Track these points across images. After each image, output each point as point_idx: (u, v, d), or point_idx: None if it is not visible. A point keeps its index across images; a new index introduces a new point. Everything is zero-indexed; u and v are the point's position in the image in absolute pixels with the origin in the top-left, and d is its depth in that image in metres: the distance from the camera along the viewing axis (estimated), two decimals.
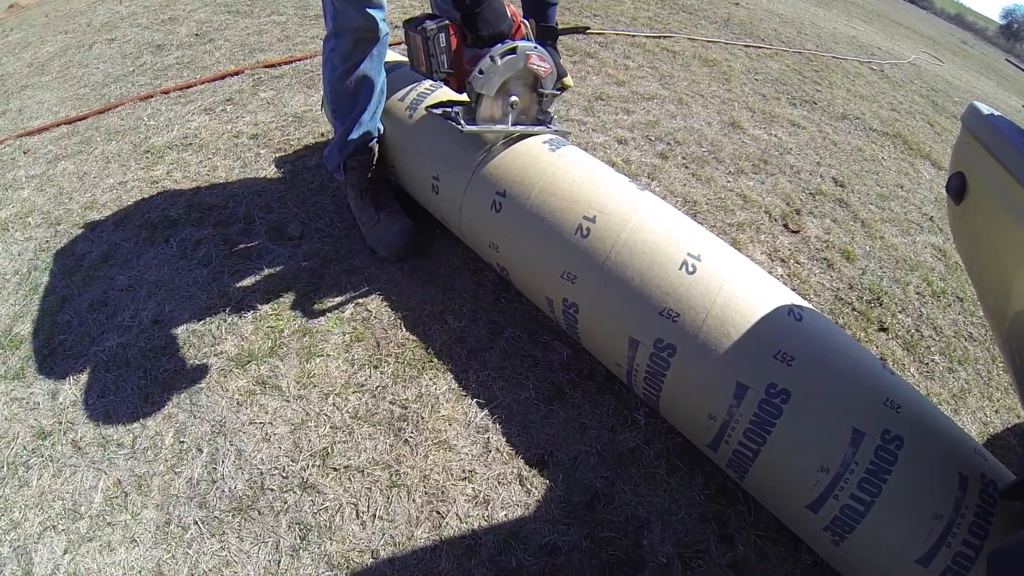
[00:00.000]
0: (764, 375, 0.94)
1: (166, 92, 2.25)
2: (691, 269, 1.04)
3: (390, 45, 2.26)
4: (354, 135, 1.47)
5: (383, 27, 1.35)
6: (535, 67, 1.20)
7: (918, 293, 1.74)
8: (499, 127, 1.27)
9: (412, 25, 1.14)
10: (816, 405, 0.91)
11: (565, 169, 1.22)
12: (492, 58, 1.16)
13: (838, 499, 0.88)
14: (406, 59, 1.73)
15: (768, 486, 0.99)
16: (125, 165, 1.86)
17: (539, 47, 1.23)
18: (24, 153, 1.99)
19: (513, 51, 1.17)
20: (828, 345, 0.98)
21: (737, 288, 1.02)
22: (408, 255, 1.53)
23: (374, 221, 1.52)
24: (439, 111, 1.31)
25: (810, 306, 1.05)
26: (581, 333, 1.20)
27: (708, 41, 3.21)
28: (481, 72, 1.16)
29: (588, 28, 1.51)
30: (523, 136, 1.31)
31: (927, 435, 0.91)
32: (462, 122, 1.22)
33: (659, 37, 3.09)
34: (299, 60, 2.45)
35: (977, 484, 0.87)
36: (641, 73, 2.65)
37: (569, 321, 1.20)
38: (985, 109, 0.83)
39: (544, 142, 1.29)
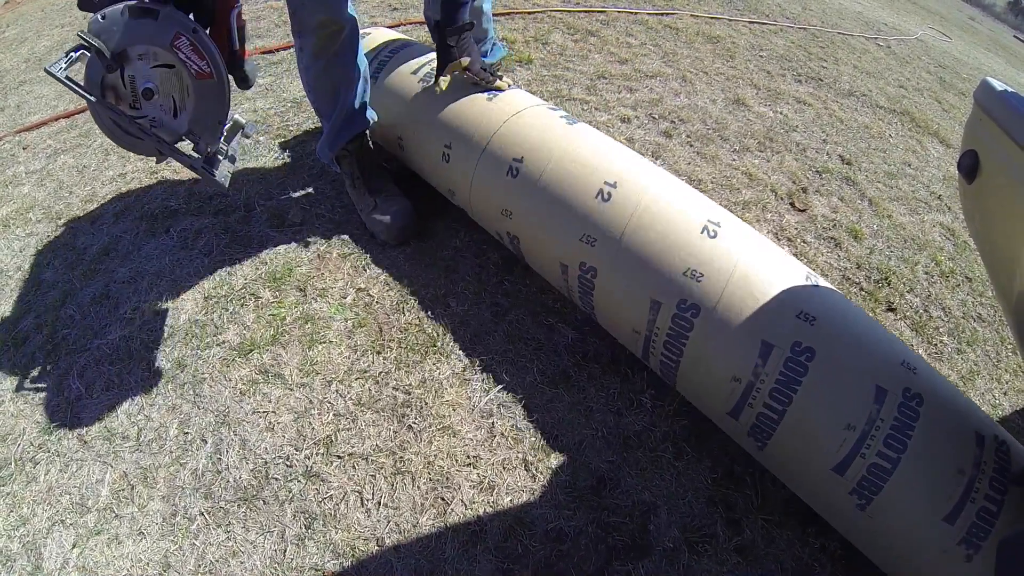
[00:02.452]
0: (788, 333, 0.95)
1: None
2: (712, 233, 1.06)
3: (391, 26, 2.22)
4: (341, 131, 1.45)
5: (347, 15, 1.29)
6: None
7: (926, 273, 1.71)
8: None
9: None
10: (840, 362, 0.93)
11: (581, 139, 1.25)
12: None
13: (865, 457, 0.88)
14: (403, 37, 1.71)
15: (792, 451, 0.98)
16: (124, 157, 1.85)
17: None
18: (23, 149, 1.98)
19: None
20: (845, 309, 1.00)
21: (756, 253, 1.05)
22: (408, 237, 1.52)
23: (371, 206, 1.50)
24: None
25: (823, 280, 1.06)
26: (596, 299, 1.18)
27: (712, 18, 3.15)
28: None
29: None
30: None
31: (944, 394, 0.92)
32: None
33: (662, 14, 3.03)
34: None
35: (992, 443, 0.89)
36: (644, 51, 2.61)
37: (584, 287, 1.18)
38: (999, 85, 0.81)
39: (561, 116, 1.32)
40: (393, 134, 1.53)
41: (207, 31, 1.03)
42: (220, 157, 1.06)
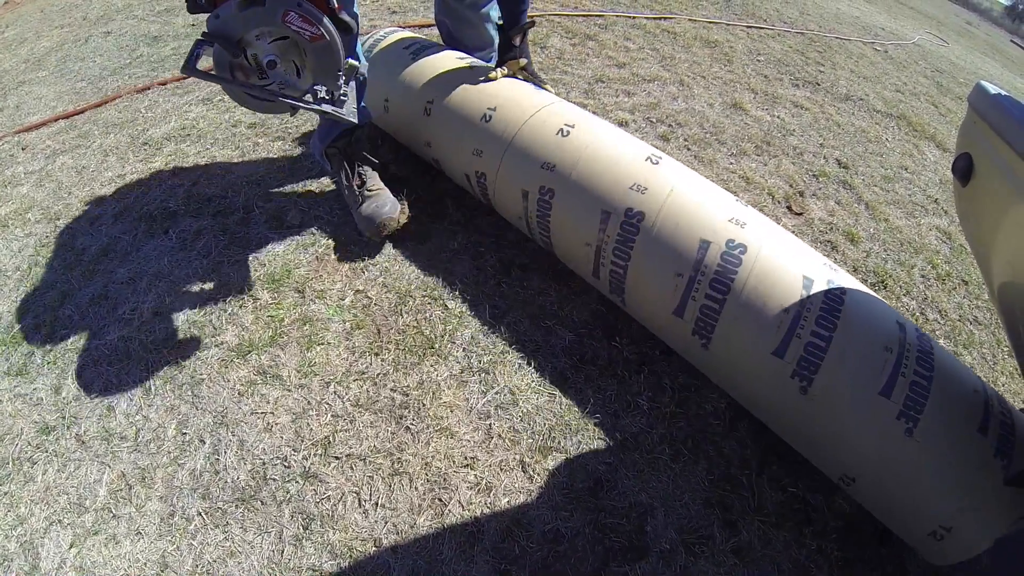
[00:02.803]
0: (823, 273, 1.10)
1: (163, 83, 2.23)
2: (745, 204, 1.24)
3: (407, 26, 2.23)
4: (334, 125, 1.46)
5: (350, 11, 1.33)
6: None
7: (923, 276, 1.72)
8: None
9: None
10: (868, 296, 1.10)
11: (622, 129, 1.44)
12: None
13: (905, 376, 0.99)
14: (417, 36, 1.73)
15: (842, 387, 1.03)
16: (123, 158, 1.85)
17: None
18: (22, 149, 1.98)
19: None
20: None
21: (772, 224, 1.22)
22: (391, 233, 1.51)
23: (359, 203, 1.52)
24: None
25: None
26: (636, 247, 1.21)
27: (709, 22, 3.17)
28: None
29: None
30: None
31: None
32: None
33: (660, 18, 3.05)
34: None
35: (990, 388, 1.03)
36: (642, 55, 2.62)
37: (626, 235, 1.22)
38: (992, 88, 0.82)
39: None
40: (422, 99, 1.56)
41: None
42: (343, 98, 1.20)
